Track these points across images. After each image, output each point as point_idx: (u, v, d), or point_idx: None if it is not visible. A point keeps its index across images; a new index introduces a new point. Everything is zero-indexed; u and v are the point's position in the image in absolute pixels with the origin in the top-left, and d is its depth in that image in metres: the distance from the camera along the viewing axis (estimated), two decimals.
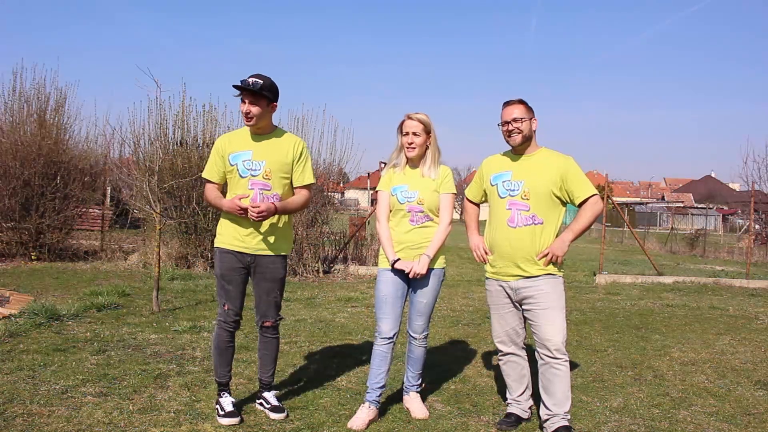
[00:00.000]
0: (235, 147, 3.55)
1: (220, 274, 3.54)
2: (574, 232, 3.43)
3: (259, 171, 3.50)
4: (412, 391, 3.80)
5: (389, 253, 3.58)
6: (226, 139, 3.62)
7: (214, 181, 3.61)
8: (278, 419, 3.54)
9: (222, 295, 3.56)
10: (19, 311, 5.85)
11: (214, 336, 3.62)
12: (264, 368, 3.71)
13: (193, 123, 10.23)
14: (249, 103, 3.43)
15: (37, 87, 10.57)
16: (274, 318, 3.66)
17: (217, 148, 3.59)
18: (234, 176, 3.53)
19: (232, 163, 3.52)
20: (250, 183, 3.49)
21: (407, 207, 3.61)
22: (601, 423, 3.70)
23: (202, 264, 9.86)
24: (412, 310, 3.72)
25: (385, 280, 3.62)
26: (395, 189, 3.65)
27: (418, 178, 3.65)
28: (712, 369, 5.01)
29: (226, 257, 3.53)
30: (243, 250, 3.51)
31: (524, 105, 3.50)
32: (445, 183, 3.66)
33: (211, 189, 3.62)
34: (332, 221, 11.24)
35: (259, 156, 3.51)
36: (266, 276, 3.57)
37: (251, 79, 3.42)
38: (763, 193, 17.57)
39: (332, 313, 6.90)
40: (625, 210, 30.37)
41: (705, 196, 64.47)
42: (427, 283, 3.65)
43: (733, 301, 8.91)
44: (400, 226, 3.64)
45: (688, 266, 14.68)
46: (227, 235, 3.54)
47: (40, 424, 3.31)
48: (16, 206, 10.00)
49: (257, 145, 3.54)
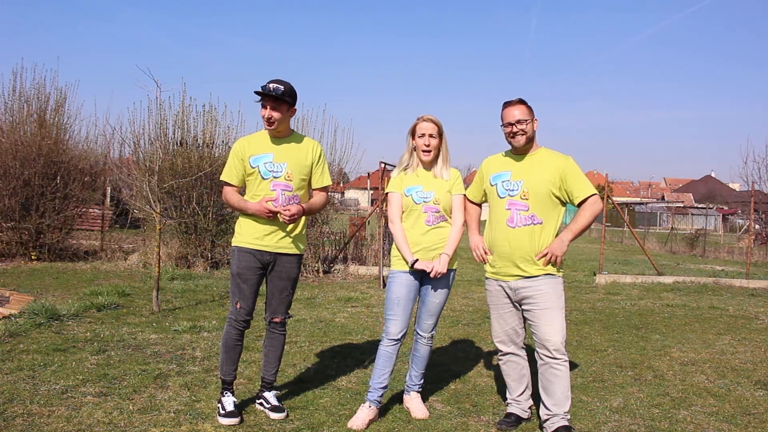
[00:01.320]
0: (255, 150, 3.58)
1: (237, 273, 3.56)
2: (573, 232, 3.43)
3: (281, 173, 3.56)
4: (413, 390, 3.80)
5: (407, 254, 3.58)
6: (245, 142, 3.65)
7: (233, 183, 3.63)
8: (278, 419, 3.55)
9: (236, 293, 3.58)
10: (19, 311, 5.85)
11: (224, 334, 3.63)
12: (268, 366, 3.73)
13: (193, 123, 10.26)
14: (270, 108, 3.49)
15: (37, 87, 10.60)
16: (283, 315, 3.70)
17: (236, 151, 3.61)
18: (255, 178, 3.57)
19: (253, 165, 3.56)
20: (272, 184, 3.55)
21: (423, 207, 3.62)
22: (601, 423, 3.70)
23: (202, 264, 9.86)
24: (422, 310, 3.72)
25: (400, 281, 3.62)
26: (409, 190, 3.65)
27: (431, 179, 3.67)
28: (712, 369, 5.01)
29: (244, 256, 3.56)
30: (263, 249, 3.56)
31: (525, 105, 3.51)
32: (457, 184, 3.71)
33: (232, 192, 3.65)
34: (332, 221, 11.25)
35: (281, 158, 3.58)
36: (282, 275, 3.63)
37: (272, 85, 3.47)
38: (763, 193, 17.58)
39: (332, 313, 6.90)
40: (625, 210, 30.37)
41: (705, 196, 64.48)
42: (442, 284, 3.67)
43: (733, 301, 8.91)
44: (416, 227, 3.63)
45: (688, 266, 14.68)
46: (247, 234, 3.57)
47: (40, 424, 3.31)
48: (16, 206, 10.00)
49: (278, 148, 3.60)
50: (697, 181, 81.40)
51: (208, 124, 10.27)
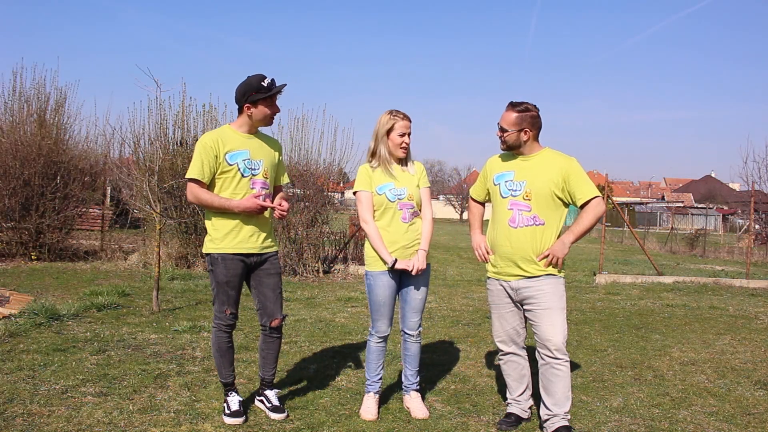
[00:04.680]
0: (230, 146, 3.47)
1: (226, 281, 3.47)
2: (574, 233, 3.43)
3: (258, 170, 3.53)
4: (412, 390, 3.80)
5: (386, 255, 3.55)
6: (215, 137, 3.46)
7: (204, 180, 3.43)
8: (278, 419, 3.55)
9: (224, 301, 3.51)
10: (19, 311, 5.85)
11: (214, 340, 3.60)
12: (267, 367, 3.72)
13: (193, 123, 10.26)
14: (276, 104, 3.54)
15: (37, 87, 10.61)
16: (281, 315, 3.66)
17: (209, 146, 3.42)
18: (233, 175, 3.46)
19: (230, 162, 3.46)
20: (252, 182, 3.51)
21: (398, 205, 3.59)
22: (601, 423, 3.70)
23: (202, 264, 9.86)
24: (406, 309, 3.71)
25: (382, 284, 3.61)
26: (381, 188, 3.61)
27: (400, 175, 3.65)
28: (712, 369, 5.01)
29: (232, 263, 3.46)
30: (250, 251, 3.51)
31: (517, 115, 3.42)
32: (423, 177, 3.72)
33: (203, 190, 3.45)
34: (332, 221, 11.24)
35: (256, 155, 3.54)
36: (271, 271, 3.61)
37: (276, 82, 3.50)
38: (763, 193, 17.56)
39: (332, 313, 6.90)
40: (625, 210, 30.38)
41: (705, 196, 64.43)
42: (422, 280, 3.68)
43: (733, 301, 8.91)
44: (393, 226, 3.60)
45: (688, 266, 14.68)
46: (230, 240, 3.47)
47: (40, 424, 3.31)
48: (16, 206, 10.01)
49: (251, 145, 3.55)
50: (697, 181, 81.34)
51: (208, 124, 10.27)
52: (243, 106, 3.49)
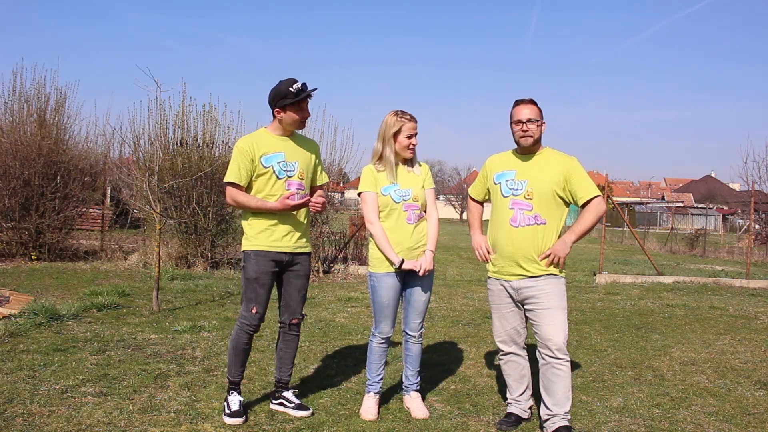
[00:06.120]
0: (265, 149, 3.53)
1: (256, 278, 3.50)
2: (576, 233, 3.43)
3: (294, 172, 3.58)
4: (412, 390, 3.80)
5: (392, 256, 3.54)
6: (251, 141, 3.53)
7: (241, 184, 3.51)
8: (303, 417, 3.57)
9: (252, 298, 3.52)
10: (19, 311, 5.85)
11: (234, 336, 3.60)
12: (284, 367, 3.74)
13: (193, 123, 10.25)
14: (305, 108, 3.57)
15: (37, 87, 10.60)
16: (301, 314, 3.71)
17: (244, 150, 3.49)
18: (269, 178, 3.52)
19: (266, 165, 3.51)
20: (287, 184, 3.55)
21: (404, 206, 3.59)
22: (601, 423, 3.70)
23: (202, 264, 9.86)
24: (409, 310, 3.71)
25: (386, 285, 3.60)
26: (386, 189, 3.60)
27: (405, 176, 3.64)
28: (712, 369, 5.01)
29: (263, 260, 3.51)
30: (283, 250, 3.54)
31: (536, 106, 3.49)
32: (428, 178, 3.72)
33: (241, 192, 3.52)
34: (332, 221, 11.24)
35: (292, 157, 3.58)
36: (300, 273, 3.65)
37: (307, 86, 3.53)
38: (763, 193, 17.56)
39: (332, 313, 6.90)
40: (625, 210, 30.37)
41: (705, 196, 64.44)
42: (426, 282, 3.67)
43: (733, 301, 8.91)
44: (399, 227, 3.59)
45: (688, 266, 14.68)
46: (264, 238, 3.53)
47: (40, 424, 3.31)
48: (16, 206, 10.01)
49: (287, 147, 3.59)
50: (697, 181, 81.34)
51: (208, 124, 10.27)
52: (273, 110, 3.55)
